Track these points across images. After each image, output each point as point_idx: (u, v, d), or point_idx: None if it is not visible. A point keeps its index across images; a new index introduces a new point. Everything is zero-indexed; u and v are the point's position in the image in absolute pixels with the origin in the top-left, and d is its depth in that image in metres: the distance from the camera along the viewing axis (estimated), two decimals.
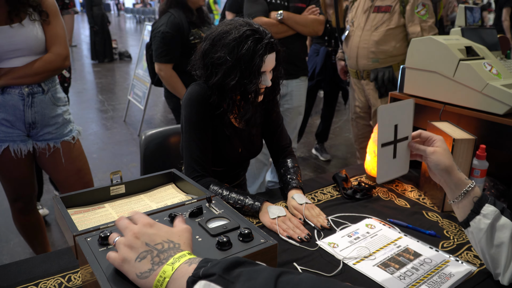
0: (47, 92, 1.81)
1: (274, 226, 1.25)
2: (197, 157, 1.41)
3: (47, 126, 1.84)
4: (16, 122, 1.76)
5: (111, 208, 1.05)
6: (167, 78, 2.50)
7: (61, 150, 1.89)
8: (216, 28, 1.36)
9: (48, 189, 3.35)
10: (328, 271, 1.07)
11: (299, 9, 2.62)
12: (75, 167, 1.96)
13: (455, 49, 1.52)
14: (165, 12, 2.49)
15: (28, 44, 1.70)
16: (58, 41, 1.78)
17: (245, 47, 1.28)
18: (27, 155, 1.85)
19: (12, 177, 1.90)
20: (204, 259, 0.63)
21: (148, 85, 4.96)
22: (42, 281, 1.02)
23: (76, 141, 1.96)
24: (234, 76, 1.31)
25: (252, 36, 1.30)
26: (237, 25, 1.32)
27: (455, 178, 1.02)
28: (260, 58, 1.30)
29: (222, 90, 1.36)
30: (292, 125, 2.91)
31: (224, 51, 1.30)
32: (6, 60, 1.68)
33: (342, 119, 5.65)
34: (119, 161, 4.11)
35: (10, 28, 1.64)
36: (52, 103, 1.84)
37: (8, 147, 1.78)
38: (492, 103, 1.41)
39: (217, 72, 1.33)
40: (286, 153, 1.61)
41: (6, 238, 2.73)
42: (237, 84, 1.32)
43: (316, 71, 3.76)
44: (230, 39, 1.30)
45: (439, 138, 1.06)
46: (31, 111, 1.77)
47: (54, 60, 1.76)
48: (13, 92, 1.72)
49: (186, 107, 1.43)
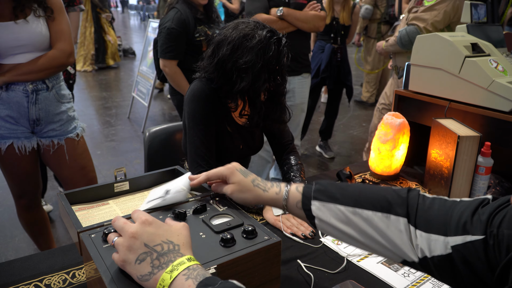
0: (51, 89, 1.81)
1: (278, 223, 1.25)
2: (201, 152, 1.41)
3: (51, 123, 1.84)
4: (20, 119, 1.77)
5: (115, 205, 1.05)
6: (171, 74, 2.50)
7: (65, 147, 1.90)
8: (230, 33, 1.32)
9: (52, 185, 3.37)
10: (332, 268, 1.07)
11: (300, 5, 2.61)
12: (79, 164, 1.97)
13: (461, 46, 1.51)
14: (172, 8, 2.48)
15: (33, 40, 1.70)
16: (62, 38, 1.78)
17: (271, 49, 1.29)
18: (32, 151, 1.85)
19: (16, 174, 1.91)
20: (202, 282, 0.62)
21: (152, 82, 4.96)
22: (47, 277, 1.02)
23: (80, 138, 1.96)
24: (264, 79, 1.31)
25: (272, 38, 1.30)
26: (254, 27, 1.31)
27: (266, 198, 0.90)
28: (284, 58, 1.32)
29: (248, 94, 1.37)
30: (295, 122, 2.90)
31: (251, 54, 1.28)
32: (10, 56, 1.69)
33: (346, 116, 5.64)
34: (123, 157, 4.12)
35: (15, 24, 1.65)
36: (57, 100, 1.84)
37: (12, 144, 1.79)
38: (498, 100, 1.40)
39: (244, 77, 1.31)
40: (288, 150, 1.60)
41: (11, 234, 2.75)
42: (262, 86, 1.33)
43: (321, 68, 3.75)
44: (254, 42, 1.28)
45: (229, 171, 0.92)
46: (35, 108, 1.77)
47: (58, 56, 1.76)
48: (17, 88, 1.72)
49: (189, 103, 1.42)
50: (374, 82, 6.05)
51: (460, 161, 1.36)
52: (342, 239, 0.81)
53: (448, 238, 0.69)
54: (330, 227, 0.80)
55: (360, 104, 6.21)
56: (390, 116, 1.60)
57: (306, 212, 0.83)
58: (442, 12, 2.42)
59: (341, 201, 0.79)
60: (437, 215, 0.72)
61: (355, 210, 0.77)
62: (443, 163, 1.43)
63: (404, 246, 0.73)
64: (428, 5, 2.48)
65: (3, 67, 1.69)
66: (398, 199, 0.76)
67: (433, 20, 2.46)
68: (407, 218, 0.74)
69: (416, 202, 0.75)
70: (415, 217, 0.74)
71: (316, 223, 0.82)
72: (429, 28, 2.49)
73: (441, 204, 0.74)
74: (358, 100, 6.27)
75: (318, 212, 0.80)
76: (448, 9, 2.40)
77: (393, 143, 1.57)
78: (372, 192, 0.79)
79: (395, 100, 1.77)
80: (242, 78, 1.31)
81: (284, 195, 0.87)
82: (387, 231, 0.74)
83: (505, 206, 0.67)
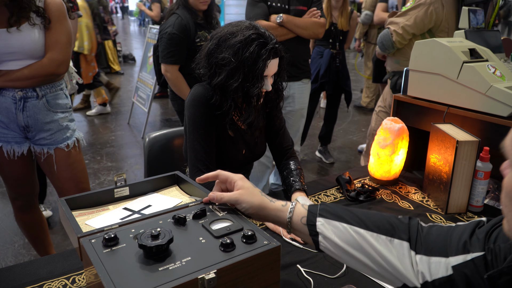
0: (41, 98, 1.79)
1: (278, 228, 1.25)
2: (202, 157, 1.41)
3: (42, 131, 1.83)
4: (10, 124, 1.78)
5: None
6: (173, 79, 2.51)
7: (54, 157, 1.88)
8: (223, 29, 1.37)
9: (52, 191, 3.36)
10: (331, 273, 1.07)
11: (300, 12, 2.62)
12: (68, 175, 1.94)
13: (459, 51, 1.52)
14: (173, 13, 2.50)
15: (24, 48, 1.70)
16: (56, 47, 1.76)
17: (249, 50, 1.29)
18: (23, 156, 1.86)
19: (9, 176, 1.93)
20: None
21: (152, 88, 4.97)
22: (47, 282, 1.02)
23: (72, 148, 1.92)
24: (237, 78, 1.32)
25: (257, 40, 1.31)
26: (243, 28, 1.33)
27: (271, 208, 0.89)
28: (263, 62, 1.31)
29: (224, 91, 1.37)
30: (295, 127, 2.91)
31: (229, 52, 1.31)
32: (4, 63, 1.70)
33: (346, 122, 5.64)
34: (123, 163, 4.12)
35: (6, 31, 1.65)
36: (47, 108, 1.82)
37: (1, 147, 1.80)
38: (496, 105, 1.41)
39: (220, 73, 1.34)
40: (288, 155, 1.61)
41: (11, 240, 2.74)
42: (239, 86, 1.33)
43: (320, 73, 3.76)
44: (235, 41, 1.30)
45: (239, 177, 0.93)
46: (23, 115, 1.77)
47: (46, 65, 1.74)
48: (7, 94, 1.73)
49: (189, 108, 1.43)
50: (374, 87, 6.06)
51: (459, 166, 1.36)
52: (344, 260, 0.82)
53: (449, 259, 0.71)
54: (333, 245, 0.81)
55: (360, 109, 6.21)
56: (389, 121, 1.61)
57: (309, 228, 0.84)
58: (414, 17, 2.48)
59: (347, 220, 0.81)
60: (436, 239, 0.75)
61: (359, 230, 0.79)
62: (442, 168, 1.44)
63: (405, 270, 0.75)
64: (404, 10, 2.54)
65: None
66: (401, 225, 0.79)
67: (404, 24, 2.52)
68: (409, 243, 0.76)
69: (416, 228, 0.78)
70: (416, 242, 0.76)
71: (319, 240, 0.82)
72: (399, 32, 2.55)
73: (439, 229, 0.77)
74: (357, 105, 6.28)
75: (322, 228, 0.81)
76: (420, 14, 2.45)
77: (392, 148, 1.57)
78: (376, 216, 0.82)
79: (394, 105, 1.78)
80: (219, 74, 1.35)
81: (290, 208, 0.88)
82: (390, 254, 0.76)
83: (500, 225, 0.71)
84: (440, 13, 2.44)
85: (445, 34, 2.50)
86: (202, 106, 1.41)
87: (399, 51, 2.71)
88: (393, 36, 2.58)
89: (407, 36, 2.55)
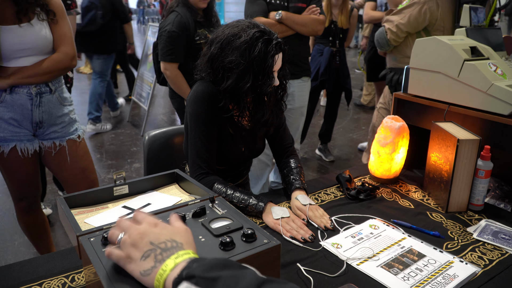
0: (54, 92, 1.83)
1: (278, 226, 1.25)
2: (203, 154, 1.41)
3: (54, 125, 1.86)
4: (23, 122, 1.78)
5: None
6: (172, 77, 2.50)
7: (67, 149, 1.91)
8: (222, 31, 1.36)
9: (52, 189, 3.36)
10: (331, 271, 1.07)
11: (299, 9, 2.61)
12: (80, 166, 1.98)
13: (460, 50, 1.52)
14: (172, 11, 2.49)
15: (37, 43, 1.71)
16: (65, 41, 1.80)
17: (256, 49, 1.29)
18: (33, 154, 1.86)
19: (17, 177, 1.91)
20: (194, 259, 0.63)
21: (151, 86, 4.96)
22: (46, 281, 1.02)
23: (81, 140, 1.98)
24: (248, 79, 1.31)
25: (262, 38, 1.30)
26: (245, 27, 1.32)
27: None
28: (272, 58, 1.31)
29: (234, 93, 1.37)
30: (295, 126, 2.90)
31: (236, 54, 1.30)
32: (14, 59, 1.70)
33: (346, 120, 5.64)
34: (123, 161, 4.12)
35: (19, 27, 1.66)
36: (59, 102, 1.86)
37: (15, 147, 1.80)
38: (497, 103, 1.40)
39: (229, 76, 1.33)
40: (288, 153, 1.61)
41: (10, 238, 2.74)
42: (251, 87, 1.33)
43: (320, 71, 3.75)
44: (240, 42, 1.30)
45: None
46: (39, 110, 1.79)
47: (62, 59, 1.79)
48: (21, 91, 1.74)
49: (192, 105, 1.43)
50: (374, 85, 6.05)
51: (459, 165, 1.36)
52: None
53: None
54: None
55: (360, 107, 6.21)
56: (389, 119, 1.61)
57: None
58: (408, 15, 2.49)
59: None
60: None
61: None
62: (442, 166, 1.43)
63: None
64: (399, 9, 2.56)
65: (7, 70, 1.70)
66: None
67: (398, 22, 2.53)
68: None
69: None
70: None
71: None
72: (394, 30, 2.56)
73: None
74: (358, 103, 6.27)
75: None
76: (414, 13, 2.47)
77: (393, 146, 1.57)
78: None
79: (394, 104, 1.78)
80: (228, 78, 1.33)
81: None
82: None
83: None
84: (434, 12, 2.45)
85: (441, 33, 2.52)
86: (204, 103, 1.40)
87: (396, 48, 2.72)
88: (387, 34, 2.60)
89: (401, 34, 2.56)
